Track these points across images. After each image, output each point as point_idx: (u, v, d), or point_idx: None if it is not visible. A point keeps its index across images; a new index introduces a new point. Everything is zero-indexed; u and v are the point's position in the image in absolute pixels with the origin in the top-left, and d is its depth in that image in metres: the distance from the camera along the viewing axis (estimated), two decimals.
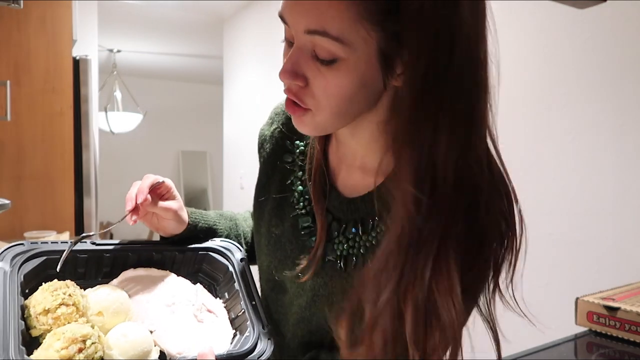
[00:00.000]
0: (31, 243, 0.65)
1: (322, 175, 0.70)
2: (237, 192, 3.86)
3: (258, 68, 3.47)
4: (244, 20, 3.69)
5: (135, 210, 0.68)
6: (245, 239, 0.88)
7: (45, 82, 2.31)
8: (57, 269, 0.62)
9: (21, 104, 2.23)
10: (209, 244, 0.78)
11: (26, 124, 2.28)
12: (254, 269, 0.79)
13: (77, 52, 2.52)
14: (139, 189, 0.69)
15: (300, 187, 0.72)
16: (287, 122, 0.76)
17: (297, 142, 0.75)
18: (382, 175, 0.60)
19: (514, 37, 1.69)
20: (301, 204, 0.71)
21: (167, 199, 0.74)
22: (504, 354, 0.90)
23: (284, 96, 0.60)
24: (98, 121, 3.50)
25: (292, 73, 0.54)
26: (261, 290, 0.79)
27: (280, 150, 0.76)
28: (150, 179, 0.71)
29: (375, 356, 0.52)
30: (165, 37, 4.69)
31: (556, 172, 1.57)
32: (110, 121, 4.84)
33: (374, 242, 0.64)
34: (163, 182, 0.73)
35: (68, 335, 0.53)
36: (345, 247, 0.66)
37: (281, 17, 0.55)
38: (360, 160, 0.67)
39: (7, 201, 1.30)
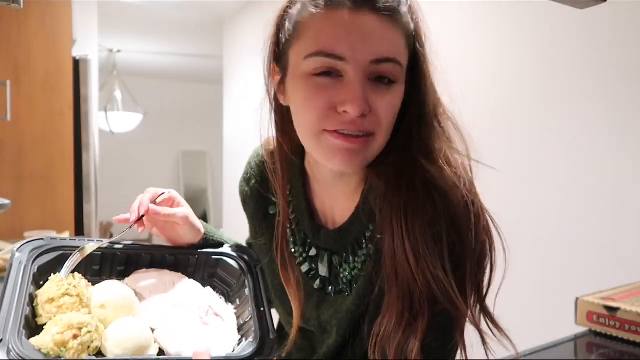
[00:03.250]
0: (51, 239, 0.69)
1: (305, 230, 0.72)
2: (237, 192, 3.86)
3: (258, 68, 3.45)
4: (244, 20, 3.69)
5: (139, 222, 0.70)
6: None
7: (45, 82, 2.31)
8: (63, 275, 0.63)
9: (21, 104, 2.23)
10: (223, 249, 0.78)
11: (26, 124, 2.28)
12: None
13: (77, 52, 2.52)
14: (140, 202, 0.71)
15: (292, 238, 0.73)
16: (264, 175, 0.76)
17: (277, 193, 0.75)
18: (359, 193, 0.67)
19: (514, 37, 1.69)
20: (299, 251, 0.73)
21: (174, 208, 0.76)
22: (504, 354, 0.90)
23: None
24: (98, 121, 3.50)
25: (365, 102, 0.57)
26: (292, 333, 0.77)
27: (264, 203, 0.78)
28: (152, 191, 0.73)
29: None
30: (165, 37, 4.69)
31: (557, 172, 1.57)
32: (110, 121, 4.84)
33: (370, 251, 0.66)
34: (168, 193, 0.75)
35: (65, 321, 0.55)
36: (349, 272, 0.68)
37: (332, 54, 0.56)
38: (340, 186, 0.69)
39: (7, 201, 1.31)
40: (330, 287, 0.70)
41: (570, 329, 1.06)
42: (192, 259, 0.75)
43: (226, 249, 0.78)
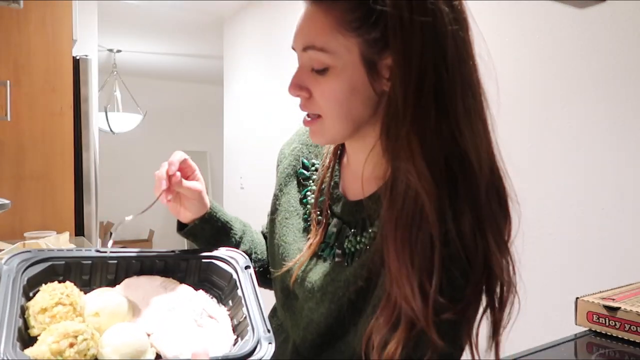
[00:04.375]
0: (38, 251, 0.68)
1: (331, 185, 0.76)
2: (237, 192, 3.86)
3: (258, 68, 3.47)
4: (244, 20, 3.69)
5: (168, 190, 0.72)
6: (255, 247, 0.88)
7: (45, 82, 2.31)
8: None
9: (21, 104, 2.23)
10: (214, 252, 0.78)
11: (26, 124, 2.28)
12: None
13: (77, 52, 2.52)
14: (169, 162, 0.73)
15: (312, 200, 0.77)
16: (308, 142, 0.83)
17: (314, 160, 0.80)
18: (383, 178, 0.65)
19: (514, 37, 1.69)
20: (312, 215, 0.76)
21: (192, 180, 0.78)
22: (504, 354, 0.90)
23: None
24: (98, 121, 3.50)
25: (296, 86, 0.64)
26: (276, 300, 0.83)
27: (297, 165, 0.82)
28: (180, 154, 0.75)
29: None
30: (165, 37, 4.69)
31: (557, 172, 1.57)
32: (110, 121, 4.84)
33: (376, 231, 0.67)
34: (188, 160, 0.77)
35: (60, 330, 0.54)
36: (352, 245, 0.70)
37: (293, 48, 0.64)
38: (366, 169, 0.69)
39: (7, 201, 1.31)
40: (330, 255, 0.72)
41: (570, 329, 1.06)
42: (182, 264, 0.75)
43: (216, 252, 0.78)
